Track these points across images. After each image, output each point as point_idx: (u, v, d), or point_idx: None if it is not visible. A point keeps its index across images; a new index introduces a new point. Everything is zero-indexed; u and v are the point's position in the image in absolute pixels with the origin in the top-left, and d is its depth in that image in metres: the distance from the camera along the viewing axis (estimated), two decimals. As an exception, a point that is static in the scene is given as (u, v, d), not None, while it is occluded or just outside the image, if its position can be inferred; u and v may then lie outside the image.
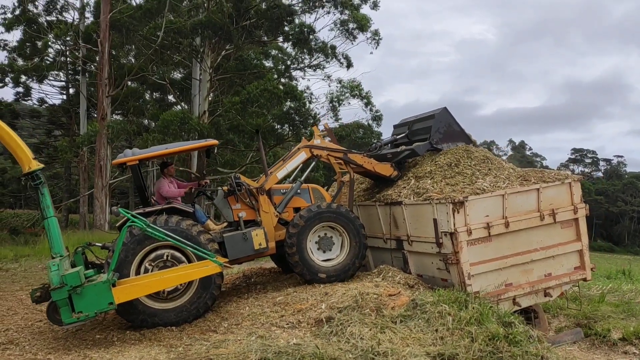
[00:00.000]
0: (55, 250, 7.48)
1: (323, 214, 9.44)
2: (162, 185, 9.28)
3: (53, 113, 40.78)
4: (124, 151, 9.24)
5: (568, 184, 9.54)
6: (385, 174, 10.59)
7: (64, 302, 7.16)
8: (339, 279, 9.36)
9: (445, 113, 10.67)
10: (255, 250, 9.15)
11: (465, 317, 7.37)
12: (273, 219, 9.61)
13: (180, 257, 8.30)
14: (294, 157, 10.04)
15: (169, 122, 23.63)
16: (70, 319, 7.19)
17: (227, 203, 9.62)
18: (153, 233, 7.80)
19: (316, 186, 10.63)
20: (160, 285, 7.84)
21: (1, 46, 34.83)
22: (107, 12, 26.17)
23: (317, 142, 10.25)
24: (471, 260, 8.67)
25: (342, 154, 10.30)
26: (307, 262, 9.32)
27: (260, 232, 9.21)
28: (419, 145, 10.54)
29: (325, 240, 9.58)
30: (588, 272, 9.76)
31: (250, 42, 29.41)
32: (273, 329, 7.60)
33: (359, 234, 9.60)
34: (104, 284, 7.31)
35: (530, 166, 32.30)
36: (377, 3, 29.07)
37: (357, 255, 9.58)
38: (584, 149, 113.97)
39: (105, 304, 7.29)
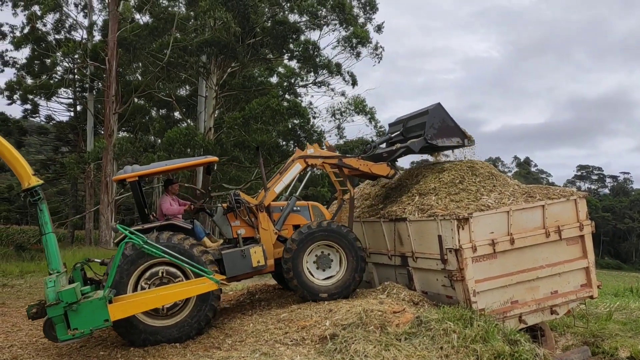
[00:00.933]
0: (52, 267, 7.46)
1: (315, 234, 9.37)
2: (164, 203, 9.34)
3: (60, 130, 41.08)
4: (124, 167, 9.26)
5: (574, 200, 9.51)
6: (383, 174, 10.61)
7: (60, 318, 7.10)
8: (342, 296, 9.32)
9: (439, 108, 10.48)
10: (253, 268, 9.09)
11: (471, 335, 7.32)
12: (272, 237, 9.59)
13: (176, 273, 8.25)
14: (289, 170, 10.04)
15: (174, 140, 23.80)
16: (65, 336, 7.12)
17: (226, 220, 9.59)
18: (150, 250, 7.74)
19: (316, 203, 10.58)
20: (156, 302, 7.77)
21: (10, 64, 35.29)
22: (114, 31, 26.51)
23: (310, 152, 10.25)
24: (476, 277, 8.63)
25: (337, 160, 10.29)
26: (306, 285, 9.29)
27: (258, 250, 9.16)
28: (413, 142, 10.37)
29: (323, 258, 9.53)
30: (595, 290, 9.68)
31: (256, 60, 29.68)
32: (277, 346, 7.56)
33: (354, 248, 9.51)
34: (99, 301, 7.23)
35: (535, 183, 32.26)
36: (381, 26, 29.49)
37: (357, 269, 9.48)
38: (590, 166, 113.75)
39: (100, 320, 7.20)
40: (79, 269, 8.25)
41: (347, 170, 10.43)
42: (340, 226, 9.67)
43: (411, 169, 11.73)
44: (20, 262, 22.34)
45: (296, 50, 27.87)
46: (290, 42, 27.73)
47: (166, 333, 8.10)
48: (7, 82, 34.65)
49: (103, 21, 33.46)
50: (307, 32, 28.59)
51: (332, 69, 28.67)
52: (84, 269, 8.37)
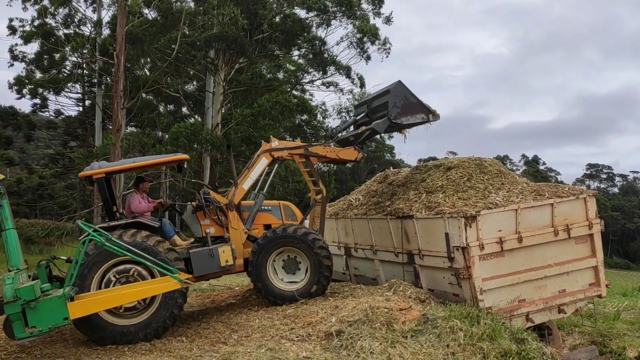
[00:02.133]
0: (12, 263, 7.23)
1: (277, 239, 9.32)
2: (133, 201, 9.18)
3: (69, 124, 41.33)
4: (91, 164, 9.07)
5: (583, 199, 9.45)
6: (351, 158, 10.42)
7: (17, 316, 6.90)
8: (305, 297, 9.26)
9: (401, 86, 10.21)
10: (221, 267, 8.98)
11: (477, 333, 7.30)
12: (242, 236, 9.49)
13: (146, 275, 8.10)
14: (255, 165, 9.87)
15: (179, 134, 23.86)
16: (22, 334, 6.92)
17: (195, 218, 9.45)
18: (112, 248, 7.50)
19: (287, 203, 10.50)
20: (118, 300, 7.59)
21: (20, 58, 35.47)
22: (123, 26, 26.52)
23: (275, 144, 10.09)
24: (483, 275, 8.59)
25: (303, 150, 10.15)
26: (269, 288, 9.27)
27: (227, 249, 9.04)
28: (378, 123, 10.17)
29: (291, 262, 9.47)
30: (603, 289, 9.62)
31: (264, 56, 29.69)
32: (283, 341, 7.55)
33: (317, 254, 9.34)
34: (59, 299, 7.02)
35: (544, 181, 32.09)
36: (390, 18, 29.29)
37: (320, 275, 9.37)
38: (600, 164, 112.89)
39: (60, 319, 7.00)
40: (44, 267, 8.02)
41: (315, 158, 10.32)
42: (305, 232, 9.49)
43: (418, 166, 11.70)
44: (29, 255, 22.48)
45: (304, 47, 27.83)
46: (299, 39, 27.68)
47: (130, 332, 7.96)
48: (17, 77, 34.85)
49: (111, 16, 33.58)
50: (315, 28, 28.58)
51: (341, 66, 28.60)
52: (49, 266, 8.16)
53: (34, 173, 43.98)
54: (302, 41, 27.77)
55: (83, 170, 8.87)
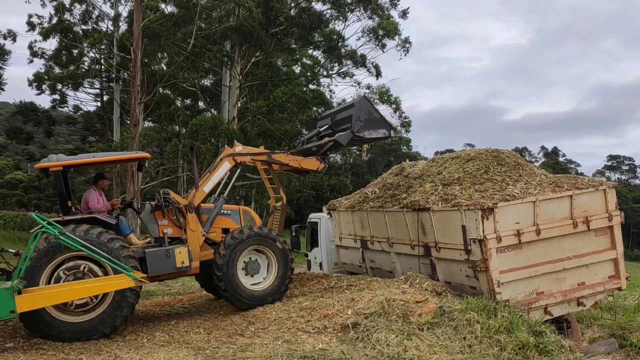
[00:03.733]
0: None
1: (249, 238, 9.40)
2: (91, 197, 9.10)
3: (88, 120, 41.73)
4: (48, 156, 8.82)
5: (602, 190, 9.33)
6: (312, 168, 10.65)
7: None
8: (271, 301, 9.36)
9: (364, 101, 10.53)
10: (177, 269, 8.93)
11: (494, 326, 7.27)
12: (200, 238, 9.45)
13: (98, 272, 7.98)
14: (218, 168, 9.86)
15: (199, 127, 23.96)
16: None
17: (153, 218, 9.36)
18: (66, 242, 7.40)
19: (247, 208, 10.61)
20: (69, 296, 7.51)
21: (39, 54, 35.89)
22: (139, 21, 26.68)
23: (238, 149, 10.15)
24: (501, 267, 8.54)
25: (265, 156, 10.27)
26: (239, 289, 9.23)
27: (184, 250, 8.98)
28: (341, 135, 10.30)
29: (252, 264, 9.52)
30: (623, 282, 9.51)
31: (280, 50, 29.67)
32: (299, 333, 7.60)
33: (286, 255, 9.68)
34: (6, 291, 6.94)
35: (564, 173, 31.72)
36: (406, 12, 29.10)
37: (286, 276, 9.63)
38: (621, 156, 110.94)
39: (6, 312, 6.93)
40: None
41: (277, 166, 10.45)
42: (274, 232, 9.76)
43: (435, 158, 11.63)
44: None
45: (320, 41, 27.75)
46: (316, 32, 27.60)
47: (78, 329, 7.87)
48: (36, 73, 35.29)
49: (128, 11, 33.80)
50: (331, 21, 28.46)
51: (357, 60, 28.48)
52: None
53: (54, 168, 44.57)
54: (319, 35, 27.67)
55: (40, 162, 8.70)
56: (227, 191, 10.39)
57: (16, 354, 7.29)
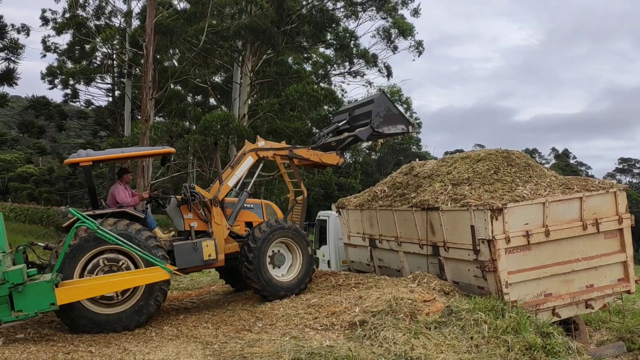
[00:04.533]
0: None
1: (277, 230, 9.62)
2: (118, 191, 9.23)
3: (99, 114, 42.02)
4: (77, 151, 8.99)
5: (613, 193, 9.29)
6: (333, 162, 10.84)
7: (4, 299, 6.93)
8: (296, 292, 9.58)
9: (383, 97, 10.83)
10: (204, 261, 9.09)
11: (502, 326, 7.27)
12: (224, 231, 9.61)
13: (130, 265, 8.14)
14: (241, 163, 10.03)
15: (211, 123, 24.07)
16: (8, 317, 6.98)
17: (179, 212, 9.53)
18: (104, 235, 7.47)
19: (269, 202, 10.75)
20: (105, 289, 7.64)
21: (52, 49, 36.17)
22: (152, 17, 26.79)
23: (261, 144, 10.32)
24: (509, 268, 8.53)
25: (287, 151, 10.42)
26: (267, 279, 9.40)
27: (210, 243, 9.15)
28: (361, 131, 10.55)
29: (278, 256, 9.77)
30: (632, 285, 9.47)
31: (291, 48, 29.70)
32: (306, 330, 7.64)
33: (310, 249, 9.94)
34: (47, 284, 7.08)
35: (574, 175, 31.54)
36: (418, 10, 29.00)
37: (310, 269, 9.87)
38: (632, 159, 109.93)
39: (47, 304, 7.07)
40: (22, 252, 8.11)
41: (297, 160, 10.59)
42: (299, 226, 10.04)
43: (444, 158, 11.62)
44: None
45: (332, 39, 27.75)
46: (328, 31, 27.58)
47: (108, 321, 7.99)
48: (49, 67, 35.57)
49: (141, 7, 33.98)
50: (343, 20, 28.45)
51: (369, 59, 28.45)
52: (25, 251, 8.24)
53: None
54: (331, 33, 27.67)
55: (69, 157, 8.82)
56: (251, 185, 10.62)
57: (27, 344, 7.37)
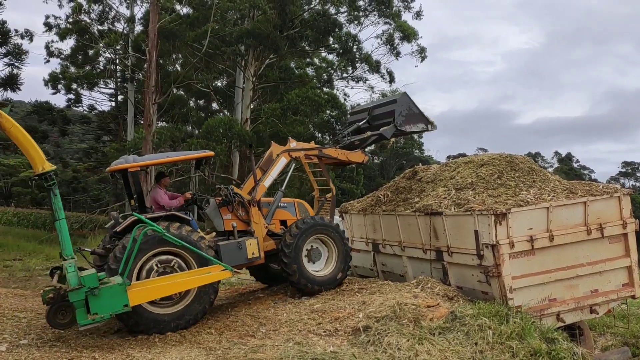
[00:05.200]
0: (66, 253, 7.46)
1: (315, 226, 9.92)
2: (161, 195, 9.51)
3: (102, 119, 42.11)
4: (122, 157, 9.30)
5: (617, 197, 9.26)
6: (358, 160, 11.27)
7: (81, 303, 7.18)
8: (330, 287, 9.90)
9: (405, 97, 11.26)
10: (248, 259, 9.37)
11: (506, 332, 7.24)
12: (263, 230, 9.90)
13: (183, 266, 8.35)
14: (275, 164, 10.40)
15: (213, 128, 24.10)
16: (85, 320, 7.22)
17: (218, 213, 9.80)
18: (171, 238, 7.94)
19: (301, 201, 11.11)
20: (172, 289, 7.94)
21: (55, 54, 36.29)
22: (155, 22, 26.89)
23: (293, 145, 10.68)
24: (513, 273, 8.50)
25: (317, 151, 10.80)
26: (304, 273, 9.67)
27: (254, 242, 9.47)
28: (385, 130, 10.89)
29: (314, 252, 10.02)
30: (637, 290, 9.43)
31: (293, 52, 29.74)
32: (310, 336, 7.62)
33: (346, 245, 10.26)
34: (119, 286, 7.37)
35: (577, 179, 31.44)
36: (420, 13, 29.02)
37: (345, 264, 10.20)
38: (636, 162, 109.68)
39: (120, 305, 7.34)
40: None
41: (325, 160, 10.96)
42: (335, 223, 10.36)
43: (447, 162, 11.60)
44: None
45: (335, 44, 27.79)
46: (331, 36, 27.64)
47: (163, 321, 8.14)
48: (52, 73, 35.69)
49: (144, 12, 34.11)
50: (346, 24, 28.47)
51: (372, 64, 28.48)
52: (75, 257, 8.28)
53: (68, 167, 44.92)
54: (334, 37, 27.71)
55: (113, 164, 9.10)
56: (285, 185, 11.07)
57: (30, 350, 7.38)
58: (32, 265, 16.86)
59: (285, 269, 9.68)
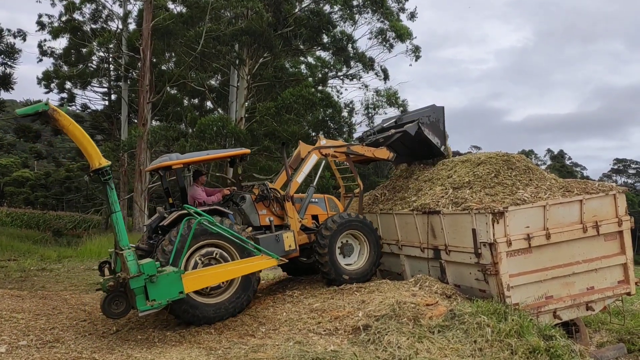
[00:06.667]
0: (123, 243, 7.78)
1: (351, 222, 10.28)
2: (199, 192, 9.84)
3: (95, 118, 41.89)
4: (165, 155, 9.67)
5: (612, 195, 9.34)
6: (384, 157, 11.73)
7: (141, 290, 7.50)
8: (359, 281, 10.05)
9: (441, 110, 11.70)
10: (285, 252, 9.69)
11: (505, 329, 7.30)
12: (297, 224, 10.20)
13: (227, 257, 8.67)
14: (307, 161, 10.74)
15: (206, 127, 24.03)
16: (145, 307, 7.53)
17: (254, 208, 10.18)
18: (224, 229, 8.39)
19: (331, 196, 11.45)
20: (222, 277, 8.33)
21: (48, 53, 36.07)
22: (149, 21, 26.82)
23: (323, 143, 11.05)
24: (511, 271, 8.57)
25: (346, 148, 11.18)
26: (335, 265, 10.02)
27: (290, 235, 9.88)
28: (409, 126, 11.32)
29: (347, 246, 10.38)
30: (632, 287, 9.52)
31: (288, 51, 29.70)
32: (310, 335, 7.65)
33: (378, 241, 10.57)
34: (175, 274, 7.70)
35: (570, 176, 31.61)
36: (414, 14, 29.07)
37: (376, 260, 10.48)
38: (627, 159, 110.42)
39: (176, 292, 7.67)
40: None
41: (353, 156, 11.33)
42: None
43: (444, 161, 11.65)
44: (58, 247, 22.98)
45: (329, 42, 27.79)
46: (324, 34, 27.64)
47: (204, 310, 8.42)
48: (45, 72, 35.46)
49: (138, 11, 33.95)
50: (340, 23, 28.45)
51: (366, 62, 28.51)
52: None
53: (61, 166, 44.79)
54: (328, 36, 27.70)
55: (155, 162, 9.52)
56: (316, 181, 11.41)
57: (30, 351, 7.37)
58: (27, 266, 16.75)
59: (320, 265, 10.02)
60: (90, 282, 13.69)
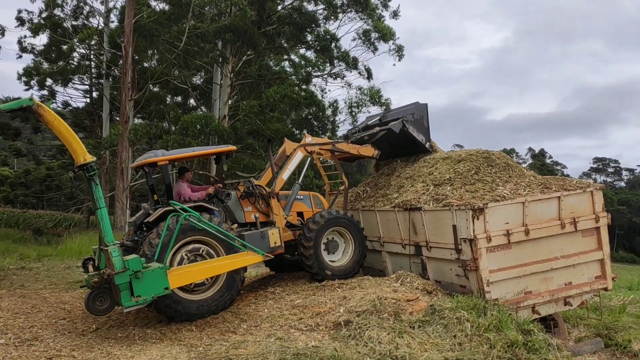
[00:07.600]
0: (108, 239, 7.71)
1: (337, 219, 10.31)
2: (184, 189, 9.85)
3: (77, 116, 41.30)
4: (150, 152, 9.62)
5: (590, 192, 9.49)
6: (369, 154, 11.88)
7: (125, 286, 7.42)
8: (342, 278, 10.10)
9: (424, 107, 11.77)
10: (270, 248, 9.70)
11: (484, 324, 7.38)
12: (282, 221, 10.24)
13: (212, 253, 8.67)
14: (292, 159, 10.79)
15: (189, 124, 23.88)
16: (129, 303, 7.46)
17: (240, 205, 10.19)
18: (210, 225, 8.37)
19: (316, 193, 11.49)
20: (210, 272, 8.32)
21: (28, 50, 35.48)
22: (131, 17, 26.55)
23: (308, 140, 11.14)
24: (490, 267, 8.67)
25: (330, 146, 11.27)
26: (320, 261, 10.06)
27: (275, 232, 9.89)
28: (394, 124, 11.41)
29: (332, 243, 10.41)
30: (609, 282, 9.68)
31: (271, 49, 29.63)
32: (292, 331, 7.67)
33: (362, 238, 10.58)
34: (161, 270, 7.65)
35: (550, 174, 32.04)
36: (397, 13, 29.11)
37: (360, 258, 10.49)
38: (607, 158, 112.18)
39: (161, 288, 7.61)
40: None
41: (338, 154, 11.39)
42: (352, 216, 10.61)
43: (426, 159, 11.73)
44: (37, 246, 22.67)
45: (313, 40, 27.75)
46: (308, 32, 27.59)
47: (198, 307, 8.45)
48: (25, 68, 34.87)
49: (120, 7, 33.59)
50: (323, 22, 28.44)
51: (349, 62, 28.49)
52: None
53: (41, 164, 44.16)
54: (311, 34, 27.67)
55: (140, 158, 9.51)
56: (302, 178, 11.52)
57: (7, 349, 7.28)
58: (5, 265, 16.49)
59: (304, 258, 10.06)
60: (70, 281, 13.51)
